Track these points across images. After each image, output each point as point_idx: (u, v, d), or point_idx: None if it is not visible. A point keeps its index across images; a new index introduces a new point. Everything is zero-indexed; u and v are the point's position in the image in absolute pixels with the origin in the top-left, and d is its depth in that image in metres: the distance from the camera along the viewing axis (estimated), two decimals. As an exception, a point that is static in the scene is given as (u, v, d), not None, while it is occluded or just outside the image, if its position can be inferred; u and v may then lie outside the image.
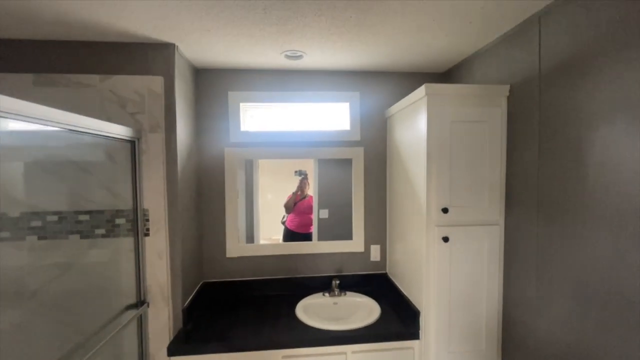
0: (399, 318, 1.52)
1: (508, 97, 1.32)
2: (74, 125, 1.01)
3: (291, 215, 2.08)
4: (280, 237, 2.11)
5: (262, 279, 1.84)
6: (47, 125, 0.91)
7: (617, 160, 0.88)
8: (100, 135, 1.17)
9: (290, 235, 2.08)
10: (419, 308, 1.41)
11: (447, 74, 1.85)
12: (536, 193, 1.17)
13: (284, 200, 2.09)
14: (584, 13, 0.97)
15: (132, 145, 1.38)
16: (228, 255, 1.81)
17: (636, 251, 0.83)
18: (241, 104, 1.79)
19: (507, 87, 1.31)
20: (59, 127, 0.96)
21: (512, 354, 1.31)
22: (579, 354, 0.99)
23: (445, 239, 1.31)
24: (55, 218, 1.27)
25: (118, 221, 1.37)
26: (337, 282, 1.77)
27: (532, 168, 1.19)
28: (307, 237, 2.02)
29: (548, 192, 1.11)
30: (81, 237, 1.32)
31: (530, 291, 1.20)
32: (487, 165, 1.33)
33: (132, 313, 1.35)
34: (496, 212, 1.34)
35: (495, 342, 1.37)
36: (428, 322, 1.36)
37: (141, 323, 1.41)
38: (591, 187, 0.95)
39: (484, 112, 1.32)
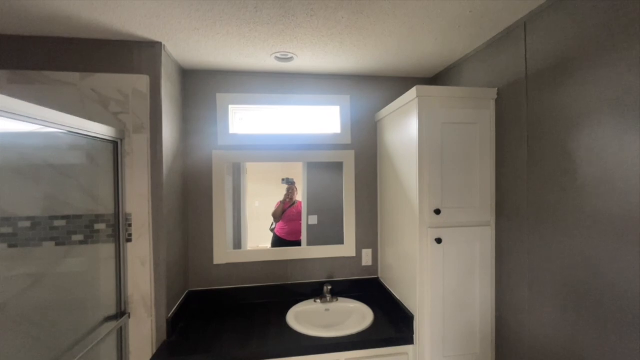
0: (393, 323, 1.49)
1: (496, 100, 1.35)
2: (51, 122, 0.95)
3: (280, 223, 2.03)
4: (268, 245, 2.05)
5: (251, 287, 1.77)
6: (21, 121, 0.85)
7: (604, 160, 0.90)
8: (80, 134, 1.10)
9: (280, 243, 2.02)
10: (412, 312, 1.39)
11: (435, 79, 1.88)
12: (526, 193, 1.18)
13: (272, 207, 2.03)
14: (568, 18, 1.00)
15: (115, 146, 1.31)
16: (215, 262, 1.74)
17: (626, 249, 0.84)
18: (230, 106, 1.76)
19: (495, 90, 1.33)
20: (34, 124, 0.90)
21: (506, 355, 1.30)
22: (573, 352, 0.99)
23: (439, 241, 1.31)
24: (27, 224, 1.18)
25: (97, 226, 1.29)
26: (329, 287, 1.73)
27: (521, 169, 1.21)
28: (297, 245, 1.97)
29: (537, 192, 1.13)
30: (56, 244, 1.23)
31: (523, 291, 1.20)
32: (478, 166, 1.35)
33: (112, 325, 1.26)
34: (487, 213, 1.35)
35: (489, 344, 1.36)
36: (422, 326, 1.33)
37: (121, 335, 1.32)
38: (580, 187, 0.97)
39: (473, 114, 1.34)
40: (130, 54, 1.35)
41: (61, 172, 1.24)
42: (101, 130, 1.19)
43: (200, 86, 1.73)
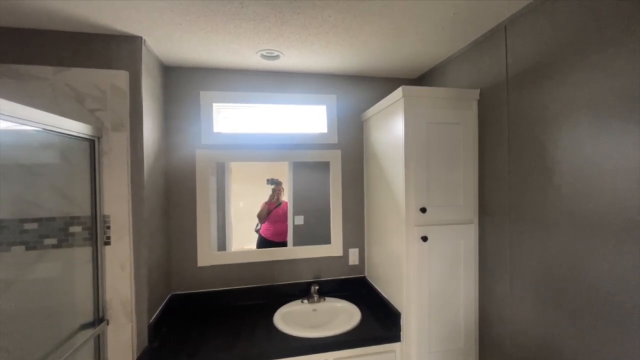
0: (380, 321, 1.50)
1: (479, 101, 1.38)
2: (22, 119, 0.89)
3: (266, 224, 2.00)
4: (254, 246, 2.01)
5: (237, 289, 1.74)
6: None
7: (580, 159, 0.94)
8: (53, 131, 1.04)
9: (265, 245, 1.99)
10: (399, 310, 1.40)
11: (419, 80, 1.91)
12: (507, 192, 1.22)
13: (257, 208, 2.00)
14: (546, 22, 1.04)
15: (92, 144, 1.25)
16: (200, 264, 1.69)
17: (601, 246, 0.88)
18: (214, 105, 1.72)
19: (477, 91, 1.37)
20: (2, 120, 0.84)
21: (490, 349, 1.34)
22: (554, 344, 1.03)
23: (424, 239, 1.33)
24: (-6, 228, 1.10)
25: (73, 229, 1.22)
26: (316, 287, 1.72)
27: (502, 168, 1.25)
28: (283, 246, 1.94)
29: (518, 190, 1.17)
30: (27, 249, 1.15)
31: (505, 287, 1.24)
32: (462, 166, 1.38)
33: (88, 332, 1.20)
34: (471, 211, 1.39)
35: (473, 339, 1.39)
36: (409, 323, 1.35)
37: (99, 344, 1.26)
38: (557, 186, 1.00)
39: (457, 114, 1.37)
40: (108, 48, 1.29)
41: (32, 172, 1.17)
42: (76, 127, 1.13)
43: (183, 83, 1.68)
